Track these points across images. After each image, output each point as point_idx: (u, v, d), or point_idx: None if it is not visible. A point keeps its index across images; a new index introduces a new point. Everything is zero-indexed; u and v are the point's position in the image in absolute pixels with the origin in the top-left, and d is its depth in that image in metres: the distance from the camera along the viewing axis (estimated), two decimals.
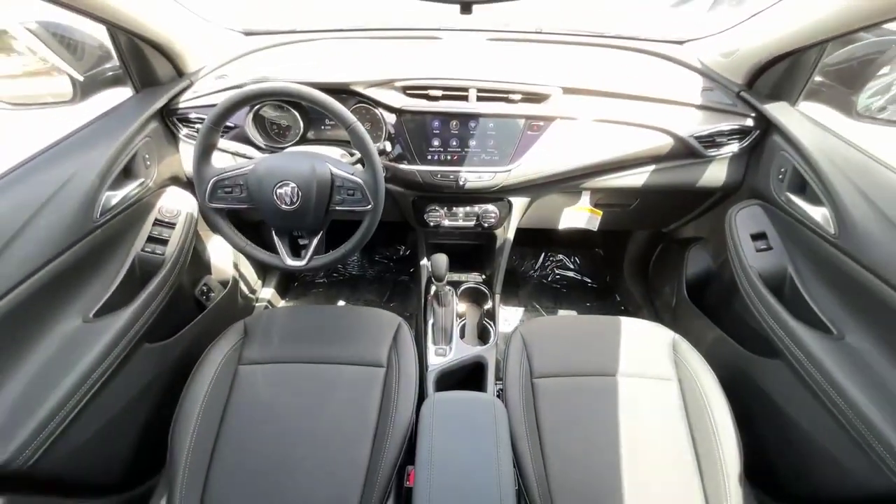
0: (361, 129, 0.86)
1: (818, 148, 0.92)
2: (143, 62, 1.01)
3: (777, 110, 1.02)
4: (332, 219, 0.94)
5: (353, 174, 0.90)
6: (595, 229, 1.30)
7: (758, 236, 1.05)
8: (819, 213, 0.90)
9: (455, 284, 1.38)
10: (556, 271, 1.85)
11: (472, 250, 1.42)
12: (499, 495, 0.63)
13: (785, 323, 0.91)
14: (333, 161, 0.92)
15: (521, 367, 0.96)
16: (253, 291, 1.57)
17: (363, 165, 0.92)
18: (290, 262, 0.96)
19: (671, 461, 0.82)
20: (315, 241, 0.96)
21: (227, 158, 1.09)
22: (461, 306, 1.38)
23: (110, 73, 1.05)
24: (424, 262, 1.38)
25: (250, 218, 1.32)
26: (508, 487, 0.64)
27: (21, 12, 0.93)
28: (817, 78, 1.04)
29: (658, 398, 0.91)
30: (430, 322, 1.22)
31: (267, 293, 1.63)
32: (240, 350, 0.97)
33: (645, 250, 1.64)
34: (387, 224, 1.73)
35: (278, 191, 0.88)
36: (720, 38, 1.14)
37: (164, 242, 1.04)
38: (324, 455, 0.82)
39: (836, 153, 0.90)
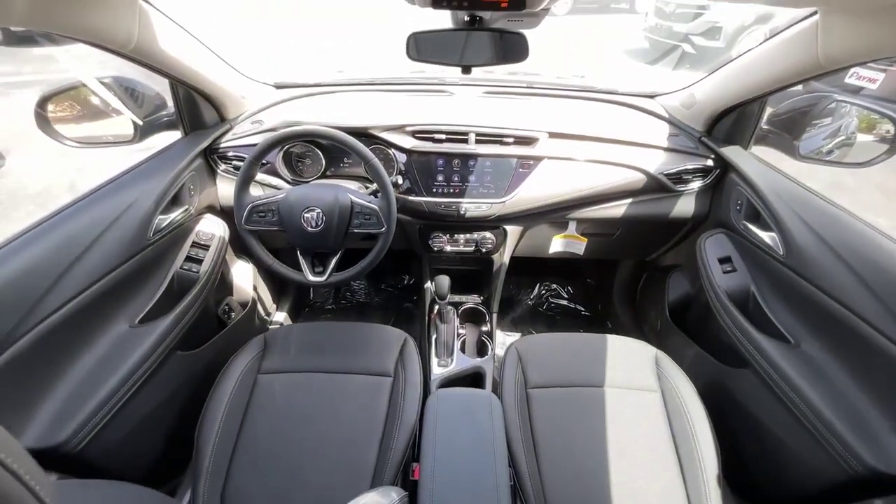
0: (378, 163, 1.02)
1: (766, 183, 1.08)
2: (194, 109, 1.20)
3: (732, 153, 1.19)
4: (350, 241, 1.09)
5: (369, 202, 1.05)
6: (581, 253, 1.44)
7: (724, 260, 1.18)
8: (770, 238, 1.05)
9: (456, 305, 1.50)
10: (551, 300, 1.97)
11: (471, 275, 1.55)
12: (495, 484, 0.71)
13: (750, 335, 1.02)
14: (353, 191, 1.07)
15: (517, 379, 1.06)
16: (268, 314, 1.69)
17: (377, 196, 1.08)
18: (312, 277, 1.10)
19: (656, 464, 0.90)
20: (334, 260, 1.10)
21: (257, 190, 1.26)
22: (461, 328, 1.50)
23: (165, 119, 1.23)
24: (428, 284, 1.51)
25: (272, 245, 1.47)
26: (504, 478, 0.72)
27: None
28: (767, 126, 1.22)
29: (642, 407, 1.00)
30: (434, 337, 1.33)
31: (280, 316, 1.75)
32: (259, 360, 1.08)
33: (632, 279, 1.77)
34: (393, 254, 1.87)
35: (305, 215, 1.03)
36: (682, 94, 1.34)
37: (199, 262, 1.18)
38: (335, 454, 0.91)
39: (781, 187, 1.06)
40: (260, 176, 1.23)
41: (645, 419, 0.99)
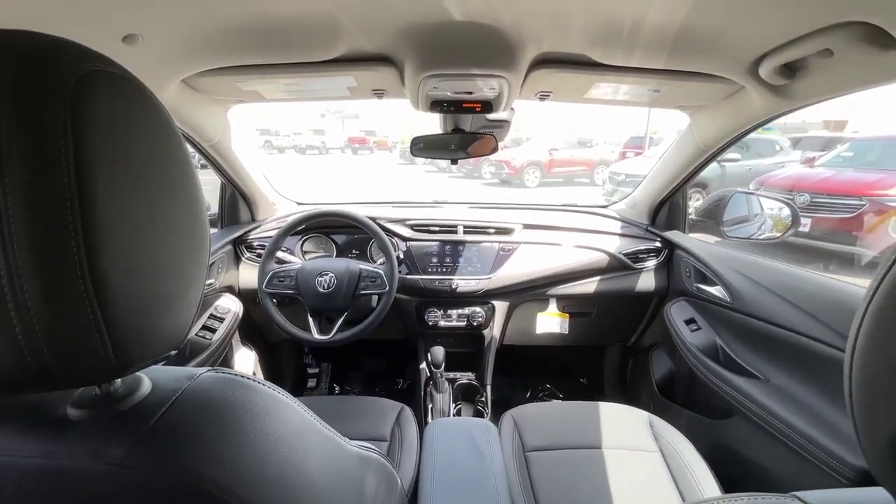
0: (384, 235, 1.25)
1: (703, 251, 1.32)
2: (233, 208, 1.48)
3: (674, 235, 1.47)
4: (356, 303, 1.23)
5: (375, 268, 1.24)
6: (566, 332, 1.55)
7: (689, 321, 1.33)
8: (717, 291, 1.23)
9: (451, 381, 1.53)
10: (545, 399, 1.96)
11: (464, 356, 1.62)
12: None
13: (728, 380, 1.11)
14: (361, 262, 1.28)
15: (514, 442, 1.08)
16: None
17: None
18: (319, 336, 1.20)
19: None
20: (340, 320, 1.22)
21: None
22: (457, 404, 1.50)
23: (208, 217, 1.50)
24: (423, 366, 1.56)
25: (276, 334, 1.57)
26: None
27: None
28: (697, 218, 1.54)
29: (644, 467, 1.01)
30: (430, 406, 1.34)
31: None
32: None
33: (619, 369, 1.83)
34: (387, 354, 1.94)
35: (319, 278, 1.21)
36: (627, 199, 1.70)
37: (213, 331, 1.28)
38: None
39: (714, 252, 1.30)
40: (281, 254, 1.43)
41: (649, 478, 0.98)
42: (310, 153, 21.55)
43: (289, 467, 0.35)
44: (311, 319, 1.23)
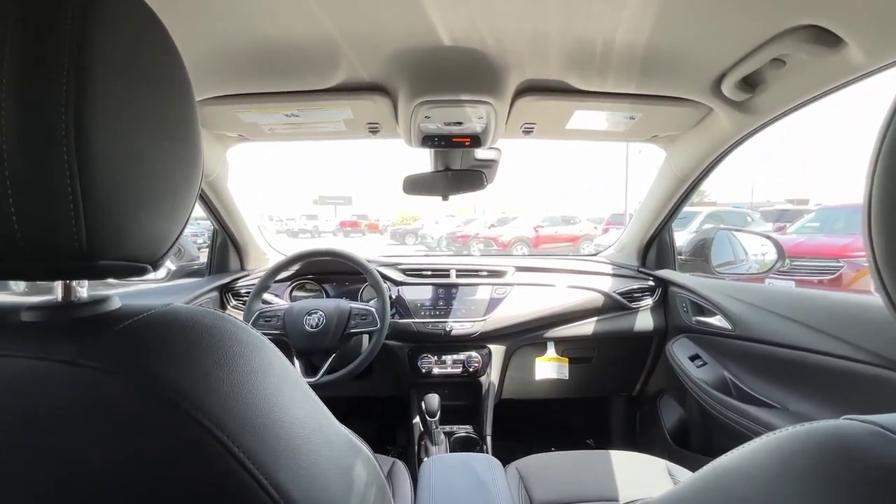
0: (376, 272, 1.23)
1: (697, 283, 1.32)
2: (223, 256, 1.47)
3: (665, 273, 1.48)
4: (345, 342, 1.16)
5: (366, 306, 1.20)
6: (566, 377, 1.47)
7: (693, 357, 1.28)
8: (717, 320, 1.20)
9: (448, 435, 1.39)
10: None
11: (461, 410, 1.50)
12: None
13: (746, 414, 1.04)
14: (352, 301, 1.24)
15: (521, 498, 0.96)
16: None
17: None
18: (303, 378, 1.11)
19: None
20: (329, 361, 1.14)
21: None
22: None
23: (195, 268, 1.48)
24: (416, 420, 1.43)
25: None
26: None
27: None
28: (685, 257, 1.56)
29: None
30: (425, 459, 1.19)
31: None
32: None
33: (627, 422, 1.70)
34: (376, 419, 1.80)
35: (308, 317, 1.16)
36: (615, 245, 1.73)
37: None
38: None
39: (707, 282, 1.29)
40: (268, 296, 1.38)
41: None
42: (302, 236, 22.00)
43: (269, 404, 0.30)
44: (296, 362, 1.15)
